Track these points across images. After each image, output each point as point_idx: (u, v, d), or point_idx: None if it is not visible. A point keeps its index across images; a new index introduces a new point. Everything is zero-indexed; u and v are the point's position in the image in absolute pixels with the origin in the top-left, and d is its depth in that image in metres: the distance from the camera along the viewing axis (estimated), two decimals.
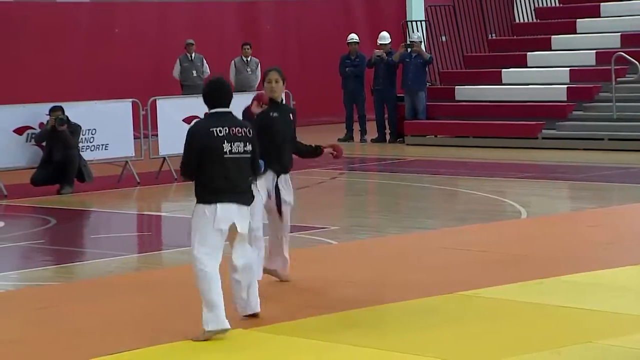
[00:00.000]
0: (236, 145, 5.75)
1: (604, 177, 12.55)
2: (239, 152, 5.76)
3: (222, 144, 5.73)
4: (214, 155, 5.72)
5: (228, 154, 5.72)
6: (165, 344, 5.70)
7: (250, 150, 5.81)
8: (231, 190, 5.74)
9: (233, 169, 5.74)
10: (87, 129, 12.55)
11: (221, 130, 5.74)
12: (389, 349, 5.52)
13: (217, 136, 5.72)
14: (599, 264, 7.35)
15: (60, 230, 10.11)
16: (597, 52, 16.36)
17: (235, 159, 5.74)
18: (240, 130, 5.79)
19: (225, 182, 5.73)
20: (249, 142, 5.80)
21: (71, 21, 17.93)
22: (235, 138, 5.76)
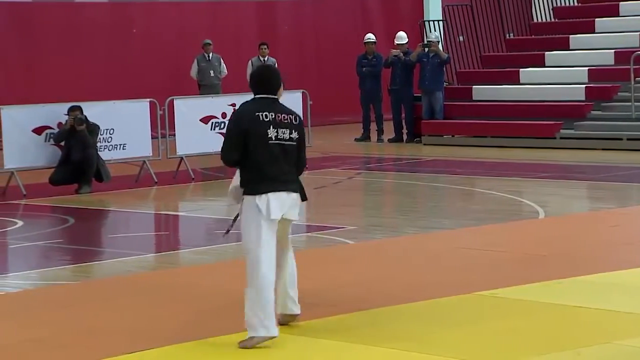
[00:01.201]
0: (282, 132, 5.54)
1: (622, 177, 12.48)
2: (285, 138, 5.53)
3: (268, 129, 5.50)
4: (259, 141, 5.50)
5: (274, 140, 5.51)
6: (182, 343, 5.71)
7: (296, 138, 5.58)
8: (279, 178, 5.51)
9: (279, 156, 5.51)
10: (105, 129, 12.60)
11: (267, 115, 5.53)
12: (406, 349, 5.51)
13: (263, 121, 5.51)
14: (618, 264, 7.31)
15: (79, 229, 10.15)
16: (616, 52, 16.27)
17: (281, 145, 5.53)
18: (286, 117, 5.56)
19: (271, 169, 5.50)
20: (295, 129, 5.60)
21: (89, 21, 18.01)
22: (282, 124, 5.53)
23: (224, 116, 13.73)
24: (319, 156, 14.88)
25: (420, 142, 16.52)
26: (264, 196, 5.53)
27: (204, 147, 13.55)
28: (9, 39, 17.39)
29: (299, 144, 5.64)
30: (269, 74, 5.69)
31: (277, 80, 5.67)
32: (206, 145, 13.55)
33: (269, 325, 5.49)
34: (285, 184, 5.57)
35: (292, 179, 5.62)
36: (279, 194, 5.54)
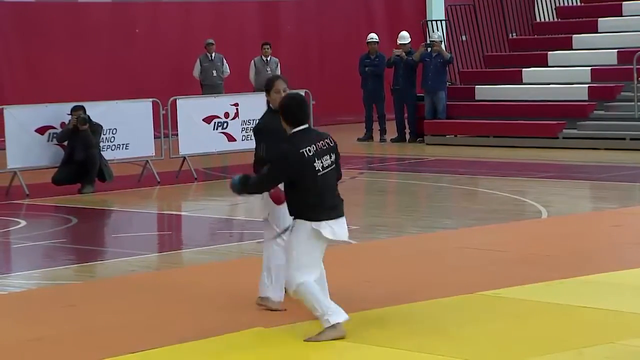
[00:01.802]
0: (325, 159, 5.76)
1: (625, 177, 12.47)
2: (328, 165, 5.77)
3: (314, 163, 5.71)
4: (309, 176, 5.71)
5: (321, 171, 5.74)
6: (185, 342, 5.72)
7: (334, 159, 5.80)
8: (330, 205, 5.74)
9: (327, 185, 5.75)
10: (108, 129, 12.60)
11: (310, 149, 5.72)
12: (409, 349, 5.51)
13: (308, 157, 5.71)
14: (621, 264, 7.31)
15: (82, 229, 10.16)
16: (619, 52, 16.26)
17: (326, 173, 5.76)
18: (324, 143, 5.77)
19: (323, 199, 5.72)
20: (332, 152, 5.80)
21: (92, 21, 18.02)
22: (322, 152, 5.75)
23: (226, 116, 13.74)
24: None
25: (423, 141, 16.52)
26: (323, 223, 5.71)
27: (207, 147, 13.56)
28: (12, 38, 17.40)
29: (337, 163, 5.86)
30: (300, 103, 5.80)
31: (308, 108, 5.86)
32: (209, 145, 13.56)
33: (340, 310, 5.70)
34: (335, 209, 5.78)
35: (339, 200, 5.84)
36: (334, 222, 5.76)
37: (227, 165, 14.64)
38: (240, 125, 13.81)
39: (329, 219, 5.73)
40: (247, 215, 11.16)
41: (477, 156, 14.88)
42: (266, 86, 6.42)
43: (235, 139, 13.76)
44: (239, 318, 6.22)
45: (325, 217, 5.73)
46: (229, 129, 13.73)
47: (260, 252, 8.62)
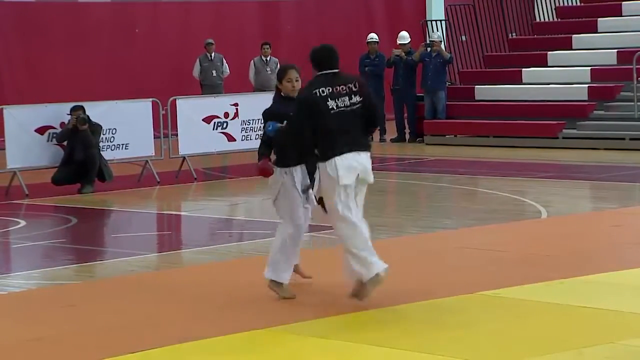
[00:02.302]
0: (341, 101, 6.05)
1: (625, 176, 12.47)
2: (345, 106, 6.03)
3: (327, 102, 6.03)
4: (322, 114, 6.02)
5: (335, 109, 6.03)
6: (185, 342, 5.71)
7: (357, 101, 6.06)
8: (345, 141, 5.98)
9: (343, 123, 6.00)
10: (108, 129, 12.60)
11: (324, 90, 6.06)
12: (409, 349, 5.51)
13: (320, 96, 6.04)
14: (621, 264, 7.30)
15: (81, 229, 10.16)
16: (619, 52, 16.26)
17: (341, 112, 6.03)
18: (345, 87, 6.09)
19: (336, 136, 5.99)
20: (354, 94, 6.08)
21: (92, 21, 18.02)
22: (340, 94, 6.04)
23: (226, 116, 13.74)
24: None
25: (423, 141, 16.52)
26: (332, 160, 6.01)
27: (207, 147, 13.56)
28: (12, 38, 17.39)
29: (363, 104, 6.09)
30: (325, 50, 6.22)
31: (333, 55, 6.18)
32: (208, 145, 13.56)
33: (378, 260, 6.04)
34: (351, 144, 6.02)
35: (358, 139, 6.07)
36: (346, 155, 6.00)
37: (227, 165, 14.64)
38: (240, 125, 13.80)
39: (341, 154, 5.97)
40: (247, 215, 11.16)
41: (477, 156, 14.88)
42: (279, 74, 6.70)
43: (235, 139, 13.76)
44: (239, 318, 6.21)
45: (337, 153, 5.97)
46: (229, 129, 13.73)
47: (259, 251, 8.63)
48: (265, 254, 8.45)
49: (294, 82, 6.57)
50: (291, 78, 6.57)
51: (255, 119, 13.95)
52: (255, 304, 6.50)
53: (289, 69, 6.61)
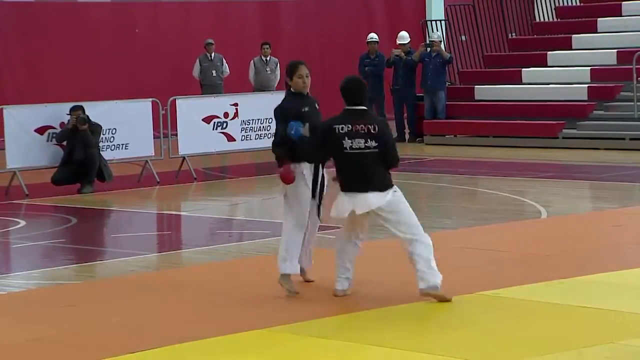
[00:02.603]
0: (357, 141, 6.15)
1: (625, 177, 12.47)
2: (360, 148, 6.15)
3: (342, 140, 6.16)
4: (336, 151, 6.21)
5: (349, 150, 6.17)
6: (185, 342, 5.71)
7: (374, 145, 6.15)
8: (357, 181, 6.19)
9: (353, 164, 6.17)
10: (107, 129, 12.60)
11: (344, 127, 6.18)
12: (409, 349, 5.51)
13: (339, 133, 6.17)
14: (621, 264, 7.30)
15: (81, 229, 10.16)
16: (618, 52, 16.26)
17: (355, 154, 6.16)
18: (364, 128, 6.17)
19: (346, 176, 6.21)
20: (370, 138, 6.16)
21: (92, 21, 18.01)
22: (357, 134, 6.14)
23: (226, 116, 13.74)
24: None
25: (423, 141, 16.52)
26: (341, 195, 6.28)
27: (206, 147, 13.56)
28: (12, 38, 17.39)
29: (379, 150, 6.18)
30: (353, 86, 6.29)
31: (361, 91, 6.26)
32: (208, 145, 13.56)
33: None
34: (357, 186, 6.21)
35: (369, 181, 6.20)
36: (350, 194, 6.23)
37: (227, 165, 14.64)
38: (239, 125, 13.80)
39: (347, 191, 6.22)
40: (247, 215, 11.16)
41: (476, 156, 14.87)
42: (289, 70, 6.63)
43: (234, 139, 13.76)
44: (239, 318, 6.21)
45: (345, 189, 6.25)
46: (229, 129, 13.73)
47: (259, 251, 8.63)
48: (265, 254, 8.45)
49: (305, 78, 6.56)
50: (302, 74, 6.55)
51: (255, 118, 13.95)
52: (255, 304, 6.50)
53: (300, 65, 6.59)
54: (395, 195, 6.26)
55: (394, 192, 6.26)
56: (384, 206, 6.21)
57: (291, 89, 6.60)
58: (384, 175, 6.27)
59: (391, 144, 6.28)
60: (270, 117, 14.08)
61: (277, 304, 6.48)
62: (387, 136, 6.24)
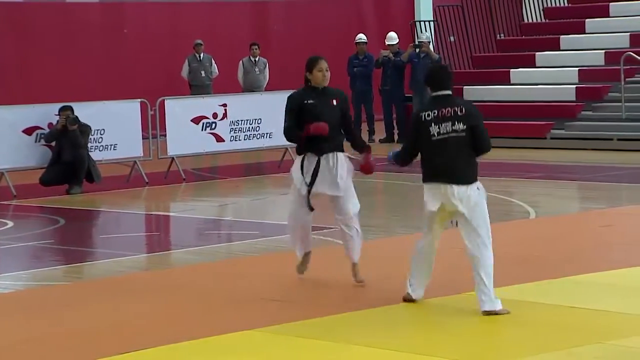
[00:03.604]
0: (444, 125, 5.95)
1: (613, 177, 12.51)
2: (447, 132, 5.95)
3: (429, 127, 5.97)
4: (423, 139, 6.00)
5: (436, 136, 5.97)
6: (176, 343, 5.70)
7: (462, 128, 5.96)
8: (443, 170, 5.96)
9: (444, 150, 5.95)
10: (96, 129, 12.57)
11: (430, 114, 6.00)
12: (398, 349, 5.51)
13: (425, 120, 6.00)
14: (609, 264, 7.33)
15: (70, 230, 10.13)
16: (606, 52, 16.32)
17: (442, 139, 5.96)
18: (450, 110, 5.97)
19: (436, 163, 5.98)
20: (458, 120, 5.96)
21: (81, 21, 17.97)
22: (444, 119, 5.95)
23: (215, 116, 13.72)
24: None
25: None
26: (427, 185, 6.07)
27: (195, 148, 13.53)
28: (0, 39, 17.32)
29: (470, 133, 6.00)
30: (435, 72, 6.18)
31: (444, 76, 6.11)
32: (197, 146, 13.54)
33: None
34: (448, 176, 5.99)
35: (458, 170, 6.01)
36: (437, 185, 6.01)
37: (216, 166, 14.62)
38: (228, 125, 13.79)
39: (434, 182, 5.97)
40: (236, 215, 11.15)
41: None
42: (310, 64, 6.65)
43: (223, 139, 13.74)
44: (229, 319, 6.21)
45: (430, 180, 6.00)
46: (218, 129, 13.71)
47: (248, 252, 8.62)
48: (253, 255, 8.45)
49: (325, 71, 6.57)
50: (322, 67, 6.58)
51: (244, 119, 13.94)
52: (244, 305, 6.49)
53: (320, 59, 6.63)
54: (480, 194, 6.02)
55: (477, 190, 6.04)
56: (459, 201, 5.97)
57: (309, 82, 6.62)
58: (471, 164, 6.06)
59: (482, 126, 6.06)
60: (259, 117, 14.09)
61: (266, 305, 6.48)
62: (474, 117, 6.02)
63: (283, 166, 13.96)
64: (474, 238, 6.03)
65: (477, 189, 6.03)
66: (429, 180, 6.04)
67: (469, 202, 5.99)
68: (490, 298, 5.96)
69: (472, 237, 6.04)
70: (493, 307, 5.95)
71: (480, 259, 6.01)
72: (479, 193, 6.04)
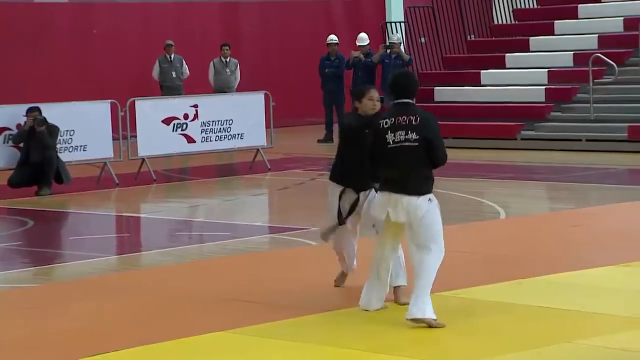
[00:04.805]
0: (399, 134, 5.82)
1: (582, 177, 12.62)
2: (401, 141, 5.82)
3: (386, 135, 5.86)
4: (381, 147, 5.89)
5: (391, 144, 5.85)
6: (147, 345, 5.68)
7: (415, 138, 5.80)
8: (394, 180, 5.83)
9: (395, 158, 5.83)
10: (66, 130, 12.48)
11: (387, 122, 5.89)
12: (367, 350, 5.53)
13: (383, 128, 5.89)
14: (578, 264, 7.39)
15: (39, 231, 10.05)
16: (575, 54, 16.45)
17: (397, 148, 5.83)
18: (405, 119, 5.85)
19: (389, 172, 5.86)
20: (411, 130, 5.82)
21: (50, 22, 17.83)
22: (399, 127, 5.83)
23: (185, 117, 13.67)
24: (281, 157, 14.87)
25: None
26: (379, 194, 5.98)
27: (166, 149, 13.48)
28: None
29: (422, 145, 5.81)
30: (403, 80, 6.03)
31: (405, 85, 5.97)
32: (168, 147, 13.48)
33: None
34: (397, 185, 5.84)
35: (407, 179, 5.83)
36: (387, 194, 5.88)
37: (187, 167, 14.57)
38: (199, 126, 13.75)
39: (385, 191, 5.86)
40: (207, 217, 11.12)
41: None
42: (359, 93, 6.53)
43: (194, 140, 13.70)
44: (200, 320, 6.19)
45: (384, 189, 5.89)
46: (188, 130, 13.66)
47: (219, 253, 8.60)
48: (225, 255, 8.43)
49: (375, 101, 6.45)
50: (372, 96, 6.45)
51: (215, 120, 13.90)
52: (216, 306, 6.48)
53: (372, 88, 6.54)
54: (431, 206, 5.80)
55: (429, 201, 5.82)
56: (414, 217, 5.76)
57: (358, 111, 6.47)
58: (425, 177, 5.83)
59: (436, 138, 5.83)
60: (230, 118, 14.05)
61: (238, 307, 6.47)
62: (430, 128, 5.82)
63: (254, 167, 13.94)
64: (418, 244, 5.83)
65: (428, 200, 5.85)
66: (382, 189, 5.92)
67: (416, 213, 5.80)
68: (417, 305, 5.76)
69: (417, 243, 5.83)
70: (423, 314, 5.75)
71: (420, 265, 5.82)
72: (430, 204, 5.84)
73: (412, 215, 5.82)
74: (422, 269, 5.83)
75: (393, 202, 5.85)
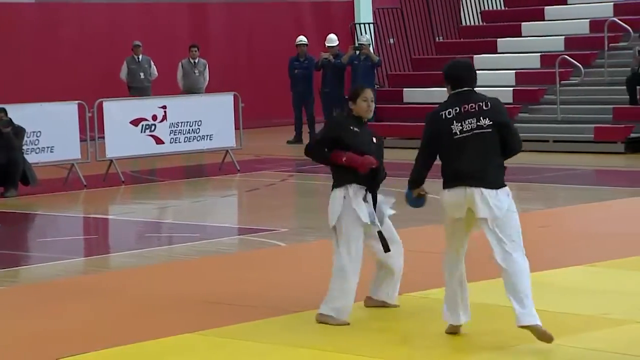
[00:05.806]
0: (467, 122, 5.38)
1: (549, 178, 12.72)
2: (470, 129, 5.36)
3: (451, 126, 5.40)
4: (444, 139, 5.43)
5: (458, 134, 5.39)
6: (114, 347, 5.64)
7: (487, 124, 5.36)
8: (467, 173, 5.35)
9: (467, 150, 5.36)
10: (32, 131, 12.37)
11: (451, 111, 5.45)
12: (334, 350, 5.53)
13: (446, 118, 5.45)
14: (545, 264, 7.44)
15: (5, 233, 9.95)
16: (542, 55, 16.59)
17: (466, 137, 5.38)
18: (474, 106, 5.40)
19: (459, 165, 5.37)
20: (482, 116, 5.37)
21: (16, 22, 17.66)
22: (467, 115, 5.39)
23: (154, 118, 13.61)
24: (251, 158, 14.85)
25: None
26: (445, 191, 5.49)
27: (134, 150, 13.41)
28: None
29: (496, 129, 5.40)
30: (462, 68, 5.67)
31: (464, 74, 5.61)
32: (136, 148, 13.41)
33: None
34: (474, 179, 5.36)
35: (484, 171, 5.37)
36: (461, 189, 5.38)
37: (155, 169, 14.50)
38: (168, 127, 13.69)
39: (456, 187, 5.36)
40: (176, 218, 11.07)
41: (405, 159, 14.95)
42: (354, 93, 6.23)
43: (163, 141, 13.64)
44: (169, 322, 6.16)
45: (456, 184, 5.37)
46: (157, 131, 13.60)
47: (187, 255, 8.57)
48: (194, 257, 8.40)
49: (370, 102, 6.17)
50: (367, 97, 6.15)
51: (183, 121, 13.85)
52: (184, 308, 6.45)
53: (366, 88, 6.23)
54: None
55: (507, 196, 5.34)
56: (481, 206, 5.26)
57: (353, 112, 6.19)
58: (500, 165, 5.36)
59: (511, 122, 5.40)
60: (199, 119, 14.00)
61: (207, 308, 6.45)
62: (501, 113, 5.39)
63: (224, 168, 13.90)
64: (502, 247, 5.43)
65: (507, 195, 5.41)
66: (452, 185, 5.40)
67: (500, 207, 5.35)
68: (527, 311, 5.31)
69: (502, 246, 5.42)
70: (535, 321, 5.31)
71: (509, 271, 5.41)
72: (510, 198, 5.42)
73: (496, 210, 5.34)
74: (520, 270, 5.41)
75: (469, 197, 5.35)
